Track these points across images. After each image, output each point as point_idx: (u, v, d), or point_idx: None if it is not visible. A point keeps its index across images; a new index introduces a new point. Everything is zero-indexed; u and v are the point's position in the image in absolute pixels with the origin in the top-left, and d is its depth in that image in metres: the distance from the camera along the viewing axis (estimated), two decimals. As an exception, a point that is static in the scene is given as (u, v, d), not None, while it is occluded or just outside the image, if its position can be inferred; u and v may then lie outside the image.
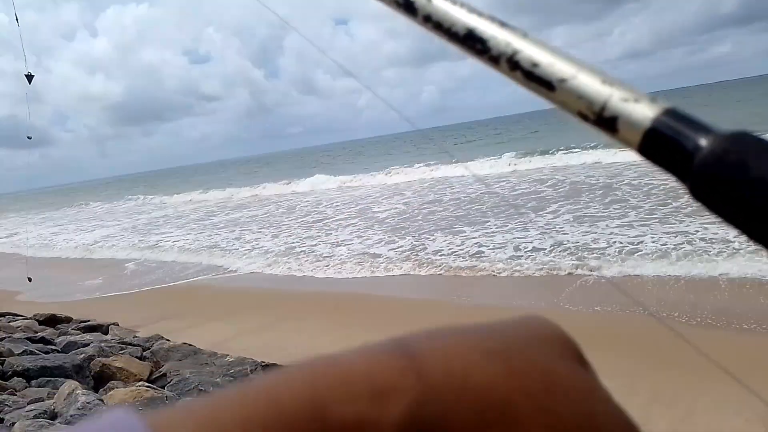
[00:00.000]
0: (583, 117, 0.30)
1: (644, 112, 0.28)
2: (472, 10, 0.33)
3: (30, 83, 5.89)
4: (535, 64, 0.31)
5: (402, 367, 0.21)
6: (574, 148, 19.33)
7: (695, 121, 0.28)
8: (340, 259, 9.04)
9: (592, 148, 18.19)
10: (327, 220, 13.71)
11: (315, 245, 10.55)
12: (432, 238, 9.54)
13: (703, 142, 0.27)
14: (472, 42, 0.33)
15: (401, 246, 9.27)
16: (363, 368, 0.21)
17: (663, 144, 0.28)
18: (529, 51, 0.31)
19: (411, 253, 8.66)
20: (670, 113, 0.28)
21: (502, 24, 0.32)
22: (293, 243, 11.14)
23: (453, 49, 0.34)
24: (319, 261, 9.19)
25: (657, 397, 3.61)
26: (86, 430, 0.18)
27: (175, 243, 13.44)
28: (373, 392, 0.20)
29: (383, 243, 9.77)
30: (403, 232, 10.48)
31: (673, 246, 6.86)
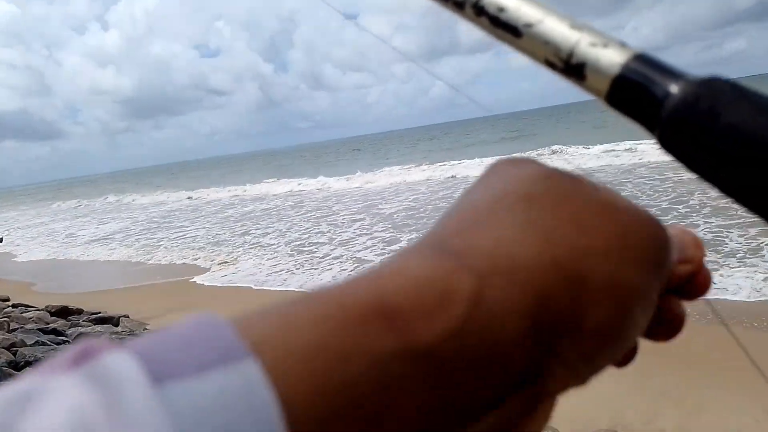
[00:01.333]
0: (551, 65, 0.29)
1: (613, 57, 0.27)
2: None
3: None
4: (501, 9, 0.29)
5: (452, 264, 0.22)
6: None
7: (666, 67, 0.26)
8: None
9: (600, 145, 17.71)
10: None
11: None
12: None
13: (674, 88, 0.25)
14: (481, 11, 0.31)
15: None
16: (416, 269, 0.22)
17: (631, 91, 0.26)
18: (546, 20, 0.29)
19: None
20: (640, 59, 0.27)
21: None
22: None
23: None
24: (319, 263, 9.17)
25: (665, 393, 3.59)
26: (174, 333, 0.18)
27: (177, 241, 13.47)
28: (434, 293, 0.21)
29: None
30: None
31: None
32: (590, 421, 3.27)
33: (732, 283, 5.26)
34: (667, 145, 0.25)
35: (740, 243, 6.34)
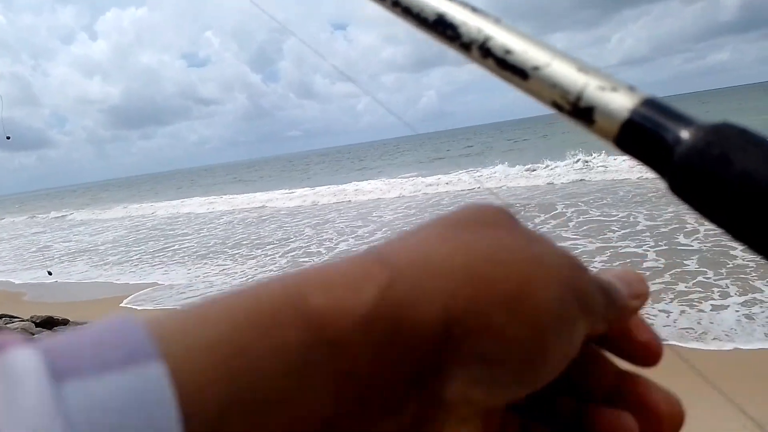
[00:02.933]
0: (558, 107, 0.29)
1: (622, 102, 0.27)
2: None
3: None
4: (507, 51, 0.29)
5: (372, 260, 0.24)
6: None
7: (676, 113, 0.26)
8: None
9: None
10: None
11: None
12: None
13: (684, 134, 0.25)
14: (443, 28, 0.31)
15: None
16: (337, 266, 0.23)
17: (641, 136, 0.26)
18: (502, 38, 0.30)
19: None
20: (649, 104, 0.27)
21: (474, 9, 0.31)
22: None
23: (423, 35, 0.33)
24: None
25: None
26: (86, 332, 0.19)
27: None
28: (347, 282, 0.22)
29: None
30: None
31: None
32: None
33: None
34: (677, 190, 0.26)
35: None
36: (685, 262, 6.42)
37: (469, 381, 0.23)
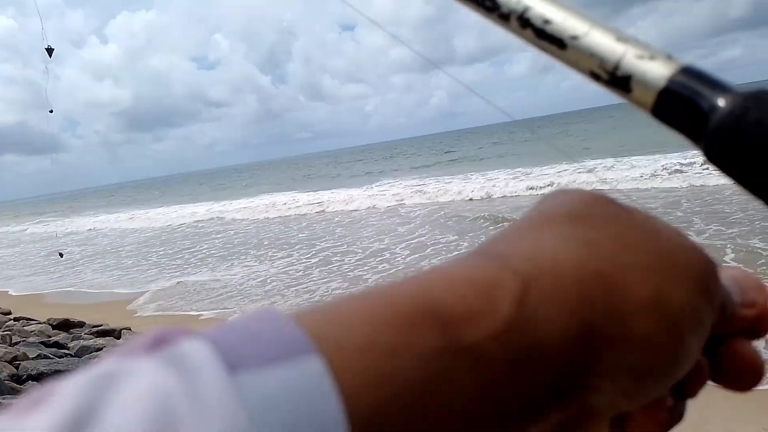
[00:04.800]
0: (596, 77, 0.29)
1: (659, 70, 0.27)
2: None
3: (50, 56, 5.97)
4: (546, 21, 0.29)
5: (498, 266, 0.23)
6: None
7: (713, 80, 0.26)
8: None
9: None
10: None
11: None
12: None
13: (721, 101, 0.25)
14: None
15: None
16: (464, 271, 0.23)
17: (678, 104, 0.26)
18: (541, 7, 0.30)
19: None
20: (687, 72, 0.26)
21: None
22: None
23: (461, 7, 0.33)
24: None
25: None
26: (240, 325, 0.19)
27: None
28: (479, 291, 0.22)
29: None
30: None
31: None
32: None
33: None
34: (713, 158, 0.25)
35: None
36: None
37: (617, 392, 0.23)
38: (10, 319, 7.23)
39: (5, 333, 5.70)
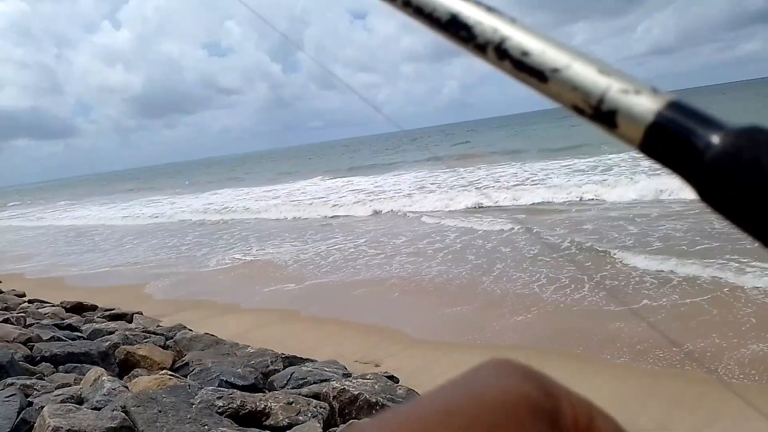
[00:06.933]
0: (579, 111, 0.28)
1: (646, 105, 0.26)
2: None
3: None
4: (525, 53, 0.28)
5: None
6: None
7: (703, 115, 0.25)
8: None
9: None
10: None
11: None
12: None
13: (714, 138, 0.24)
14: (456, 29, 0.30)
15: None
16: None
17: (668, 140, 0.25)
18: (519, 38, 0.28)
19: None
20: (675, 106, 0.26)
21: (489, 9, 0.30)
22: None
23: (436, 36, 0.32)
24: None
25: (678, 400, 3.56)
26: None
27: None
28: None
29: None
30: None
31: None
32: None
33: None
34: (707, 197, 0.25)
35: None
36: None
37: None
38: (25, 302, 7.34)
39: (20, 315, 5.79)
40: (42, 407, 2.92)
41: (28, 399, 3.23)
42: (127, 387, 3.45)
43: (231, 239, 12.72)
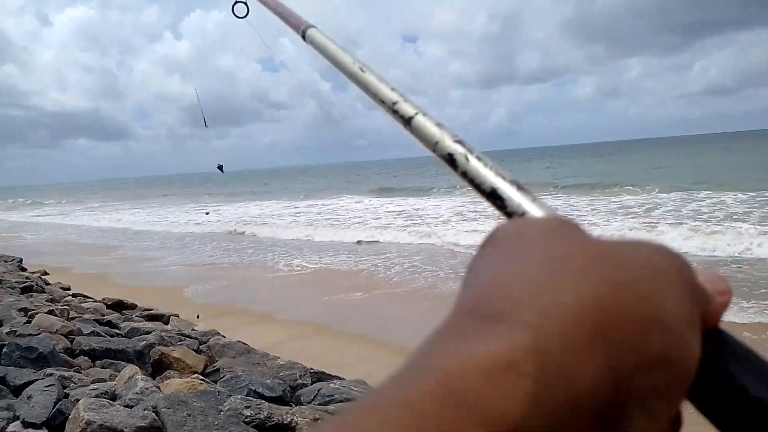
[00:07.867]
0: None
1: None
2: (498, 173, 0.39)
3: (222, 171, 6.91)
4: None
5: (505, 331, 0.22)
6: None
7: None
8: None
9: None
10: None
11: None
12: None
13: None
14: (494, 198, 0.38)
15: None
16: (477, 348, 0.22)
17: None
18: (537, 213, 0.36)
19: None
20: None
21: (519, 187, 0.38)
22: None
23: (478, 198, 0.41)
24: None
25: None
26: None
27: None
28: (501, 369, 0.21)
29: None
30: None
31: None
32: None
33: None
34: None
35: None
36: None
37: (647, 417, 0.23)
38: (69, 295, 7.60)
39: (63, 307, 5.99)
40: (77, 400, 3.00)
41: (65, 390, 3.32)
42: (158, 387, 3.50)
43: (278, 250, 12.89)
